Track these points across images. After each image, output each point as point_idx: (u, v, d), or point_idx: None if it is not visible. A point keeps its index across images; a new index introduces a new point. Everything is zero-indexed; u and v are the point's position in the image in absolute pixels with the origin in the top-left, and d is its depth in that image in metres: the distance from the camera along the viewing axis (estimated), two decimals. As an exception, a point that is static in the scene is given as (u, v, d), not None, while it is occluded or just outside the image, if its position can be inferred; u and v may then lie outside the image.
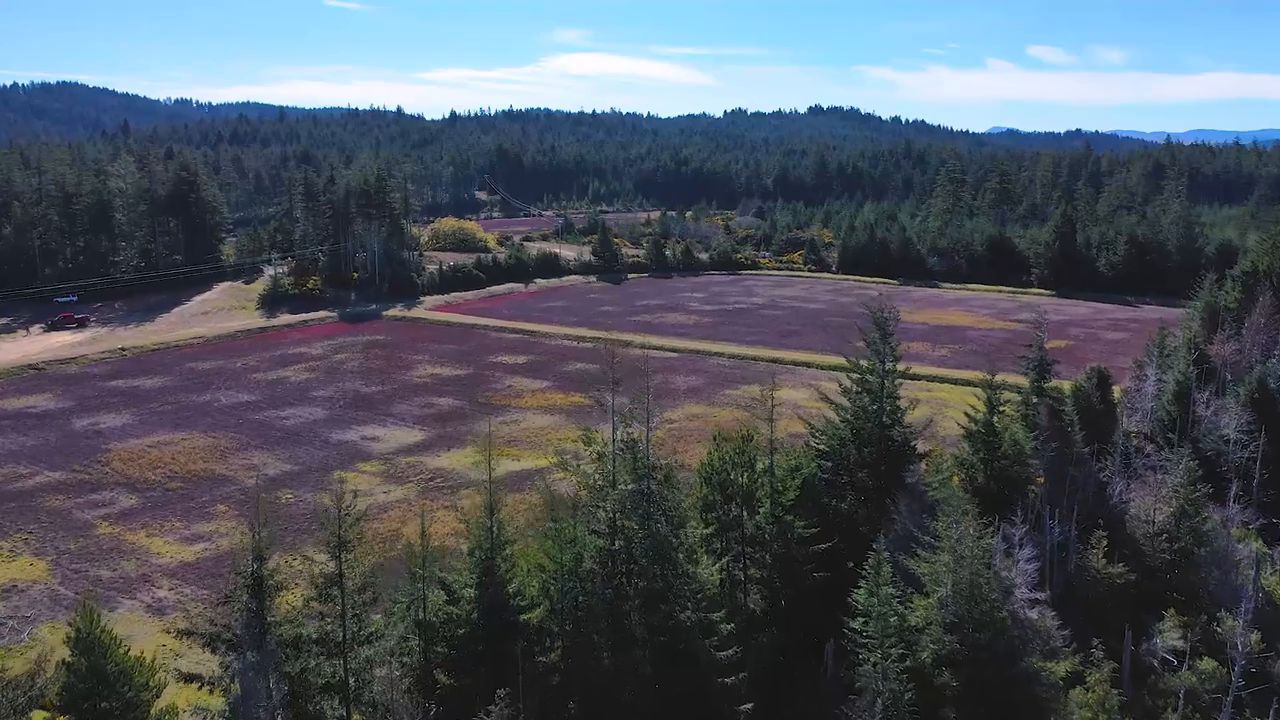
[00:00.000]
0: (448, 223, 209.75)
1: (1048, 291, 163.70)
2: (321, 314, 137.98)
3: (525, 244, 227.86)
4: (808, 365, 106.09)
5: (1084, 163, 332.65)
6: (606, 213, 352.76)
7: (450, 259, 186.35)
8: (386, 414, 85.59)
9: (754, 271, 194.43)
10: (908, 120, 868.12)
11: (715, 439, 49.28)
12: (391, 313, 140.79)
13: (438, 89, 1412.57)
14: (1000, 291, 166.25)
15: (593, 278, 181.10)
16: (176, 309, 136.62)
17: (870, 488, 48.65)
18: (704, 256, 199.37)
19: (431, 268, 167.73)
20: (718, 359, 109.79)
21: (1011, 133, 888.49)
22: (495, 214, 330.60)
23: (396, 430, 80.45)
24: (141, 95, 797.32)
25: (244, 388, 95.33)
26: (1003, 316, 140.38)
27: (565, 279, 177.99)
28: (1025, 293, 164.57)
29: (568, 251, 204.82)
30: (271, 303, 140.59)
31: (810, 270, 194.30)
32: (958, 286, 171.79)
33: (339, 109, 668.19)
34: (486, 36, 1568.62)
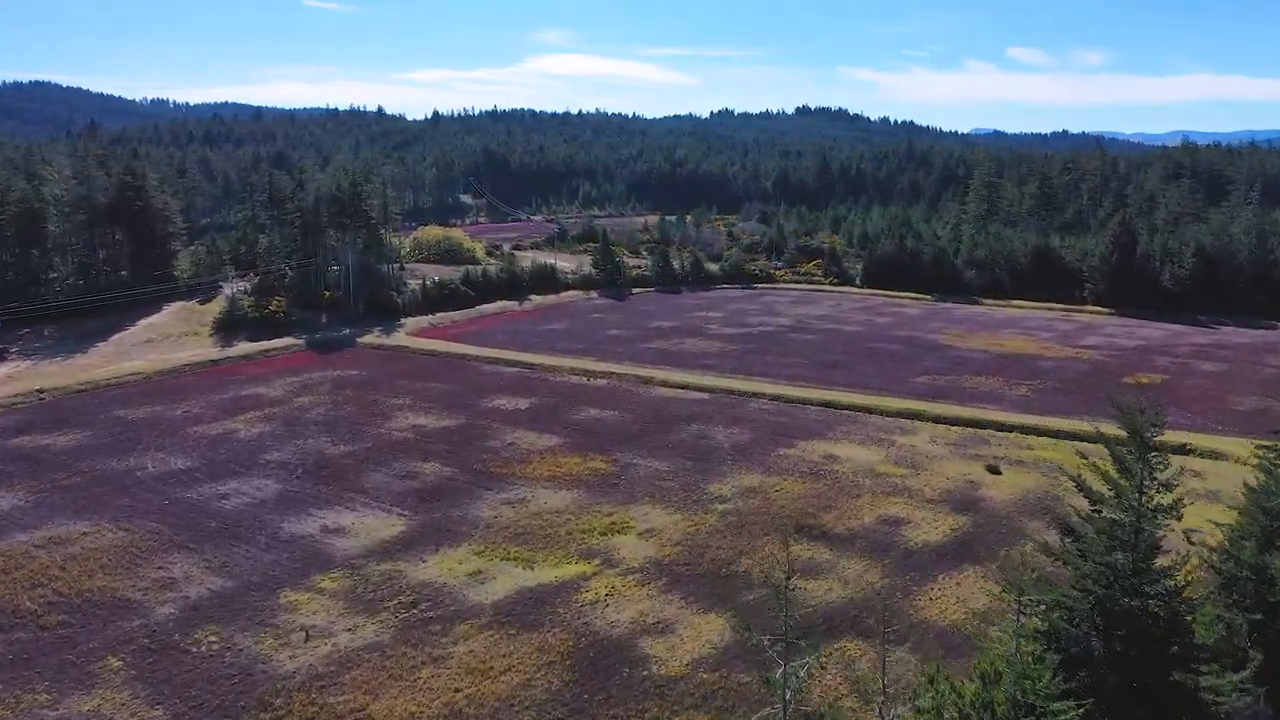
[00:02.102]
0: (431, 231, 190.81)
1: (1105, 309, 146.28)
2: (286, 341, 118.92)
3: (516, 253, 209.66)
4: (868, 411, 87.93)
5: (1096, 164, 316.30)
6: (599, 217, 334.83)
7: (435, 272, 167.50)
8: (357, 489, 66.92)
9: (770, 285, 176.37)
10: (896, 121, 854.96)
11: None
12: (368, 339, 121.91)
13: (420, 90, 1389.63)
14: (1052, 309, 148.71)
15: (594, 293, 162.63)
16: (116, 336, 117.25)
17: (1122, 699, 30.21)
18: (714, 268, 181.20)
19: (414, 283, 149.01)
20: (758, 402, 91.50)
21: (997, 134, 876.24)
22: (481, 218, 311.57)
23: (369, 517, 61.78)
24: (117, 95, 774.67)
25: (180, 447, 76.41)
26: (1068, 341, 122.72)
27: (564, 295, 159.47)
28: (1080, 311, 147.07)
29: (564, 262, 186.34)
30: (228, 328, 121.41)
31: (832, 283, 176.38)
32: (1001, 303, 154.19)
33: (318, 109, 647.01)
34: (469, 37, 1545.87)
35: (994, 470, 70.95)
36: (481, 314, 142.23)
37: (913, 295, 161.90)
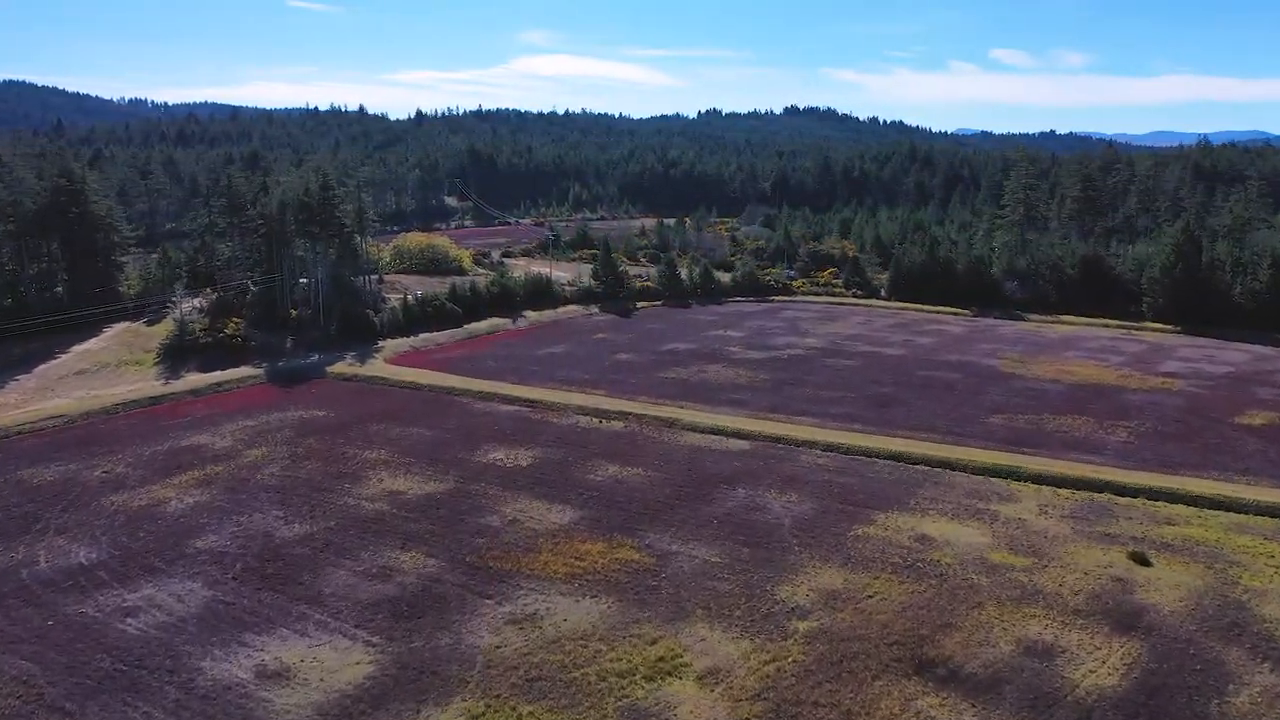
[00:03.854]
0: (414, 238, 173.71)
1: (1169, 327, 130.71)
2: (243, 372, 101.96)
3: (506, 261, 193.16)
4: (948, 466, 71.84)
5: (1110, 164, 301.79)
6: (591, 220, 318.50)
7: (418, 285, 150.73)
8: (311, 597, 50.32)
9: (788, 298, 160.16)
10: (886, 121, 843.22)
11: None
12: (340, 367, 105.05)
13: (404, 91, 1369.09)
14: (1108, 326, 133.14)
15: (594, 308, 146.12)
16: (42, 367, 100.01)
17: None
18: (726, 279, 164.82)
19: (394, 298, 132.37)
20: (811, 454, 75.29)
21: (985, 134, 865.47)
22: (467, 222, 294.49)
23: (325, 647, 45.16)
24: (93, 95, 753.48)
25: (88, 528, 59.57)
26: (1145, 367, 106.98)
27: (562, 311, 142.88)
28: (1142, 329, 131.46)
29: (560, 272, 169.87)
30: (176, 355, 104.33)
31: (855, 296, 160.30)
32: (1050, 319, 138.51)
33: (298, 109, 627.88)
34: (453, 38, 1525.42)
35: (1141, 560, 54.90)
36: (471, 334, 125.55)
37: (949, 310, 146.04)
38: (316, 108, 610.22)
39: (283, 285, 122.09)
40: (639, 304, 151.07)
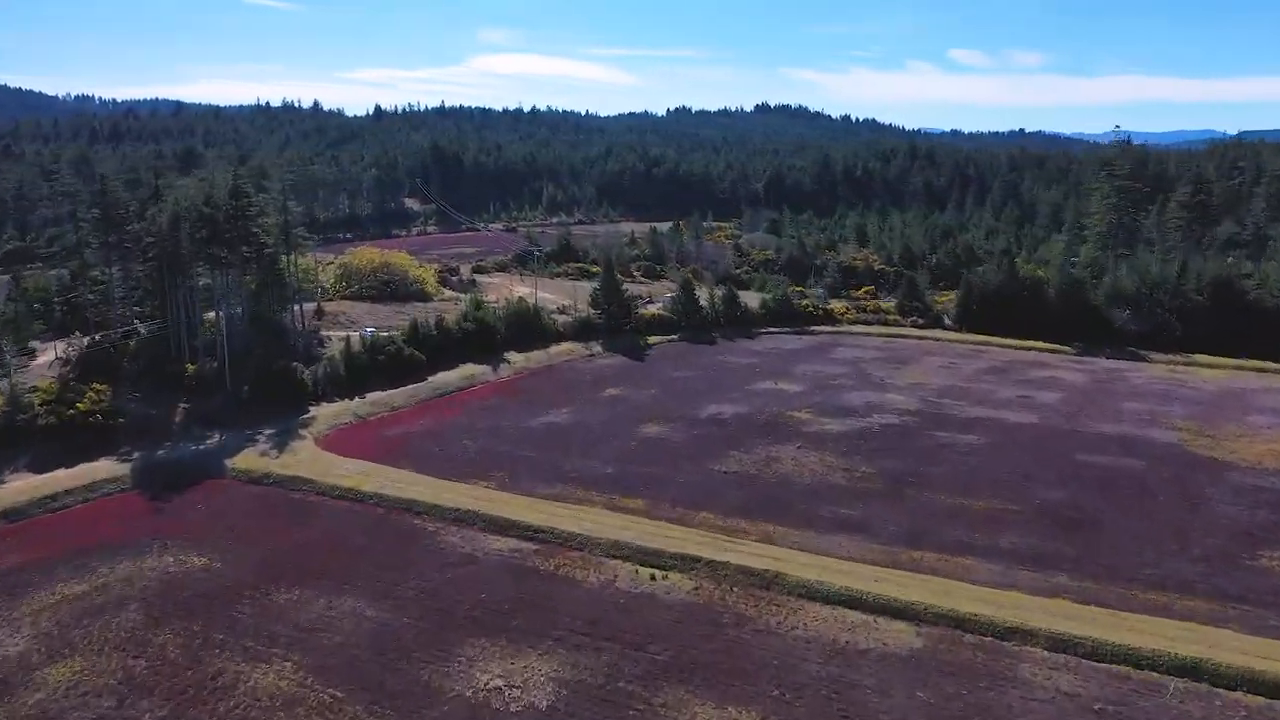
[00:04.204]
0: (365, 254, 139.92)
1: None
2: (101, 470, 68.65)
3: (479, 280, 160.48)
4: (1273, 689, 40.76)
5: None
6: (569, 224, 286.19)
7: (369, 316, 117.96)
8: None
9: (833, 329, 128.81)
10: (858, 119, 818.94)
11: None
12: (247, 459, 72.02)
13: (362, 89, 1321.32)
14: (1265, 372, 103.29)
15: (596, 346, 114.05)
16: None
17: None
18: (754, 304, 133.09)
19: (336, 340, 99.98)
20: (1032, 657, 43.87)
21: (954, 133, 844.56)
22: (430, 228, 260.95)
23: None
24: (37, 91, 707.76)
25: None
26: (1383, 444, 76.90)
27: (555, 351, 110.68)
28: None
29: (546, 294, 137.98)
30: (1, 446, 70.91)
31: (915, 325, 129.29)
32: (1181, 360, 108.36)
33: (250, 106, 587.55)
34: (412, 36, 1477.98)
35: None
36: (438, 390, 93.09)
37: (1043, 346, 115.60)
38: (268, 103, 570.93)
39: (179, 329, 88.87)
40: (649, 339, 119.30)
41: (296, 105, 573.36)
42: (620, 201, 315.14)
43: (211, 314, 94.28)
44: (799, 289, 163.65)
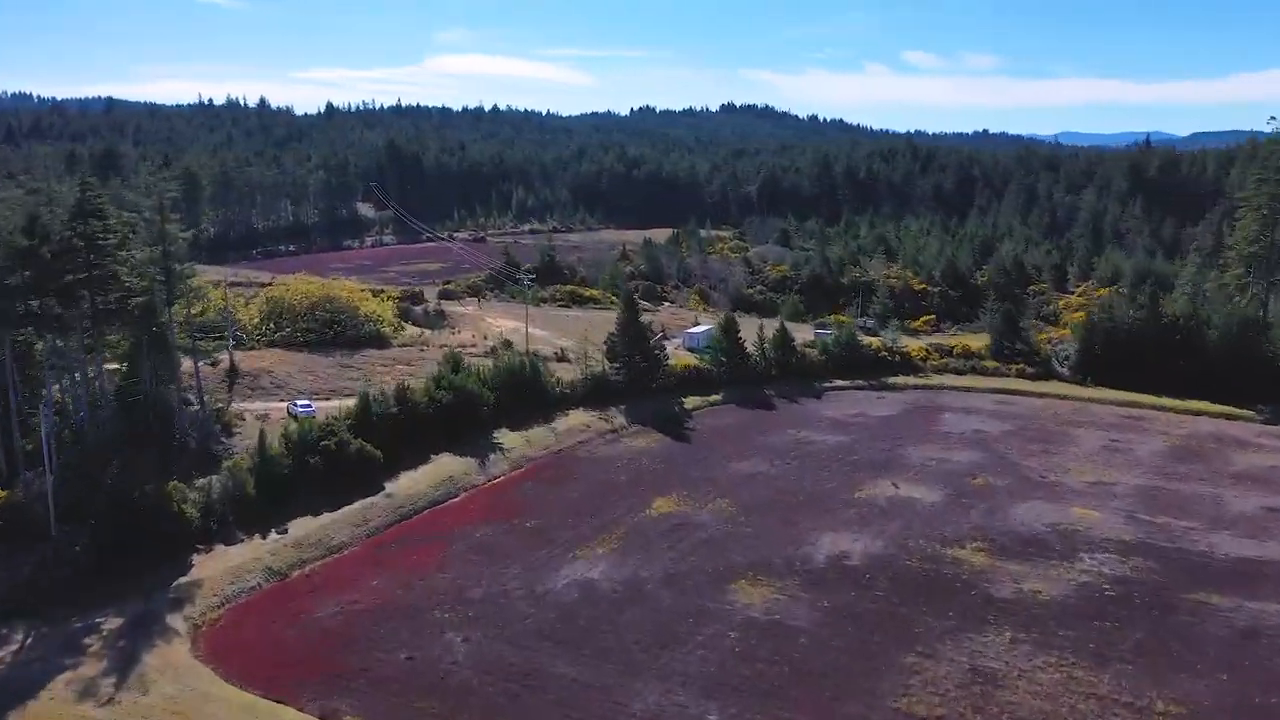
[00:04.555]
0: (300, 285, 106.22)
1: None
2: None
3: (447, 307, 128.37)
4: None
5: (1147, 162, 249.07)
6: (544, 233, 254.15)
7: (303, 378, 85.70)
8: None
9: (919, 381, 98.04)
10: (825, 119, 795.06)
11: None
12: (49, 706, 39.92)
13: (315, 89, 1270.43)
14: None
15: (619, 417, 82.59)
16: None
17: None
18: (811, 349, 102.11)
19: (253, 420, 68.20)
20: None
21: (919, 133, 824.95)
22: (388, 237, 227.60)
23: None
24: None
25: None
26: None
27: (562, 426, 79.08)
28: None
29: (536, 329, 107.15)
30: None
31: (1022, 375, 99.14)
32: None
33: (192, 104, 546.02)
34: (365, 35, 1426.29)
35: None
36: (400, 513, 61.29)
37: (1218, 410, 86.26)
38: (211, 101, 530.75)
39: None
40: (685, 399, 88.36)
41: (241, 103, 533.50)
42: (598, 206, 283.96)
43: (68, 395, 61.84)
44: (840, 318, 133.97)
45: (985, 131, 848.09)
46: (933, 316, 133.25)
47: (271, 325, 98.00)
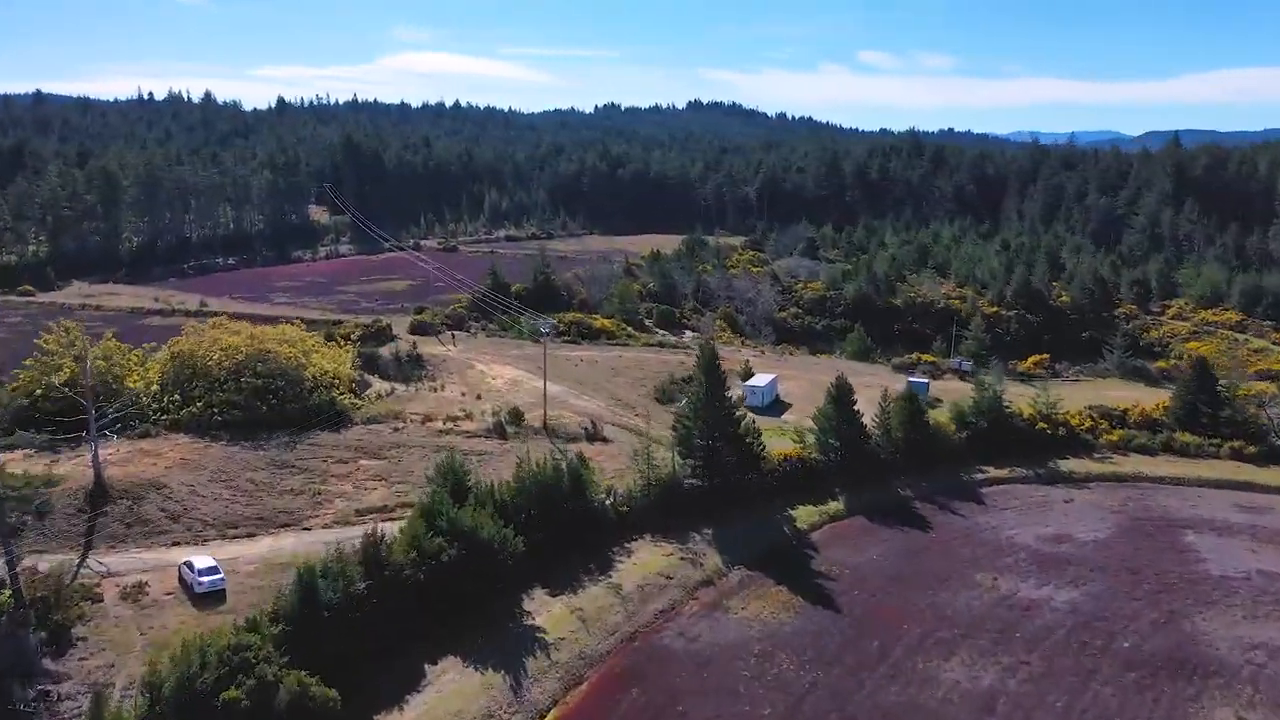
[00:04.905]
0: (221, 336, 74.94)
1: None
2: None
3: (424, 351, 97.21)
4: None
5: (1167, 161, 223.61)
6: (519, 239, 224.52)
7: (219, 495, 54.49)
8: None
9: (1104, 468, 69.54)
10: (794, 116, 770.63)
11: None
12: None
13: (270, 86, 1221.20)
14: None
15: (708, 554, 53.30)
16: None
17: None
18: (947, 426, 73.10)
19: (110, 627, 37.45)
20: None
21: (884, 132, 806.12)
22: (344, 247, 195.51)
23: None
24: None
25: None
26: None
27: (626, 580, 49.45)
28: None
29: (559, 389, 77.54)
30: None
31: (1237, 453, 71.16)
32: None
33: (131, 99, 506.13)
34: (321, 32, 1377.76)
35: None
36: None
37: None
38: (151, 95, 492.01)
39: None
40: (793, 510, 59.37)
41: (185, 97, 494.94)
42: (579, 210, 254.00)
43: None
44: (930, 358, 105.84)
45: (951, 130, 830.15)
46: (1044, 356, 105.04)
47: (177, 397, 67.23)
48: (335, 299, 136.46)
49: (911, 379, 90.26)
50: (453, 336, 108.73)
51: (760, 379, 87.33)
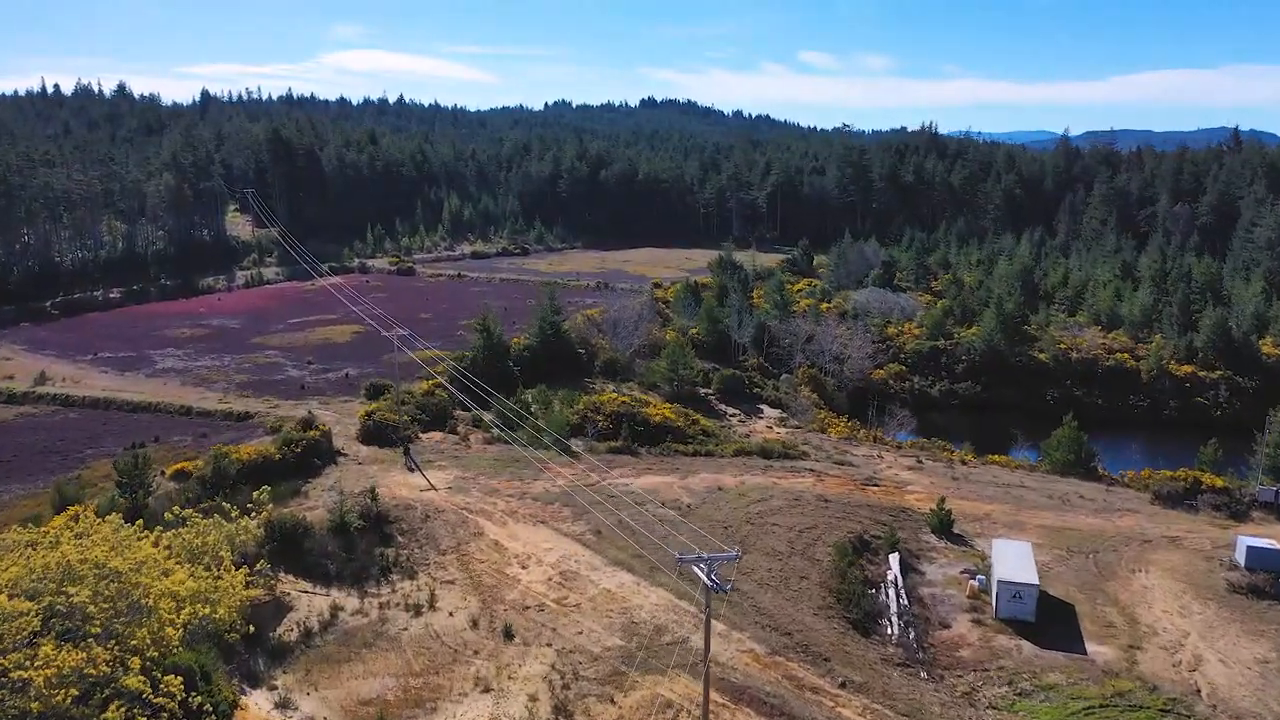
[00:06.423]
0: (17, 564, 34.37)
1: None
2: None
3: (380, 480, 54.80)
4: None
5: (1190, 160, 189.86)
6: (488, 256, 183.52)
7: None
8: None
9: None
10: (750, 114, 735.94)
11: None
12: None
13: (200, 84, 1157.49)
14: None
15: None
16: None
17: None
18: None
19: None
20: None
21: (844, 129, 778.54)
22: (269, 269, 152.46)
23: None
24: None
25: None
26: None
27: None
28: None
29: (609, 578, 36.21)
30: None
31: None
32: None
33: (30, 91, 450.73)
34: (257, 29, 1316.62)
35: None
36: None
37: None
38: (57, 87, 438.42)
39: None
40: None
41: (96, 90, 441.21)
42: (555, 218, 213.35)
43: None
44: (1213, 480, 66.50)
45: (904, 128, 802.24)
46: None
47: None
48: (249, 360, 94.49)
49: (1251, 543, 51.13)
50: (466, 424, 67.73)
51: (1009, 557, 48.11)
